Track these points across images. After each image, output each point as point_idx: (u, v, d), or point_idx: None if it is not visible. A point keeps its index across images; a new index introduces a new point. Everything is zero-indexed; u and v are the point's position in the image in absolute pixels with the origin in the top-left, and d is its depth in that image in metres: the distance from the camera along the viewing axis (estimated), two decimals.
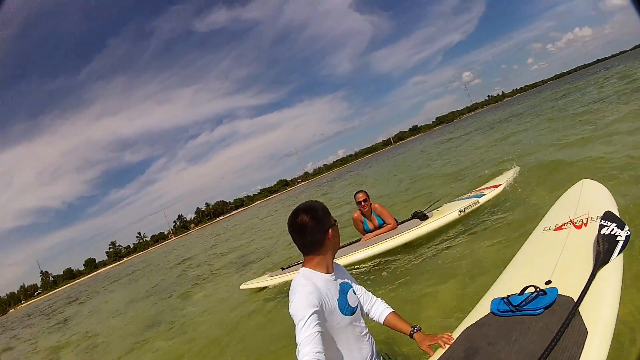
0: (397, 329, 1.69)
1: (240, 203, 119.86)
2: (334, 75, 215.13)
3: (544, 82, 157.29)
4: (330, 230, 1.48)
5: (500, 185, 4.85)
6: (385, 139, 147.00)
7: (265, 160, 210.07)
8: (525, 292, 1.75)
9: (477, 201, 4.62)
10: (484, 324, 1.78)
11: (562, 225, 2.32)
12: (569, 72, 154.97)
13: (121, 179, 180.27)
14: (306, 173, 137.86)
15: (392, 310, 1.73)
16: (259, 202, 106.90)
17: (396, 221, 4.61)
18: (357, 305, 1.56)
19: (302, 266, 1.51)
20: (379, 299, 1.76)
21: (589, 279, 1.64)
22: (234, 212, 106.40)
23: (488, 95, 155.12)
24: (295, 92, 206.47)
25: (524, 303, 1.68)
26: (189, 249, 23.05)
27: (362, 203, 4.48)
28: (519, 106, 32.14)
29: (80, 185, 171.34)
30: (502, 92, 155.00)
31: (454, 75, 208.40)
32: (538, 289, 1.70)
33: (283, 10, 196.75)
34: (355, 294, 1.59)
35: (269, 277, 5.00)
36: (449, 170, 9.92)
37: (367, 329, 1.61)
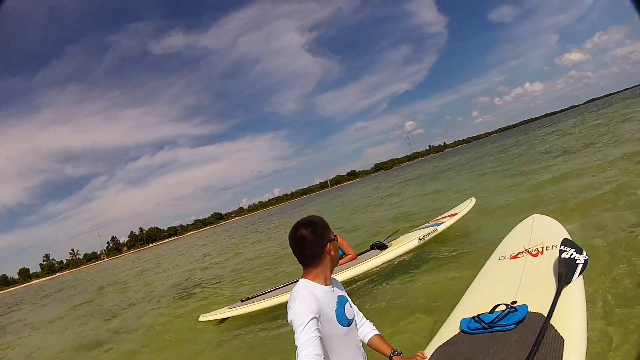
0: (378, 350, 1.74)
1: (174, 232, 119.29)
2: (278, 114, 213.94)
3: (487, 134, 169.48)
4: (328, 244, 1.52)
5: (457, 214, 5.11)
6: (322, 181, 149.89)
7: (202, 192, 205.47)
8: (496, 310, 1.81)
9: (436, 229, 4.83)
10: (456, 342, 1.79)
11: (517, 254, 2.49)
12: (514, 126, 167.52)
13: (61, 191, 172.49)
14: (241, 208, 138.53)
15: (378, 332, 1.79)
16: (192, 232, 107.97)
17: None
18: (353, 318, 1.59)
19: (302, 277, 1.55)
20: (368, 320, 1.81)
21: (555, 296, 1.76)
22: (167, 240, 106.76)
23: (429, 145, 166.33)
24: (239, 126, 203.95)
25: (496, 320, 1.74)
26: (126, 272, 21.23)
27: None
28: (462, 156, 34.70)
29: (21, 192, 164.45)
30: (444, 142, 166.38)
31: (397, 124, 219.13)
32: (509, 306, 1.76)
33: (238, 42, 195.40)
34: (352, 307, 1.63)
35: (228, 308, 4.73)
36: (393, 213, 10.23)
37: (360, 342, 1.65)
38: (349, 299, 1.63)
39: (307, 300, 1.40)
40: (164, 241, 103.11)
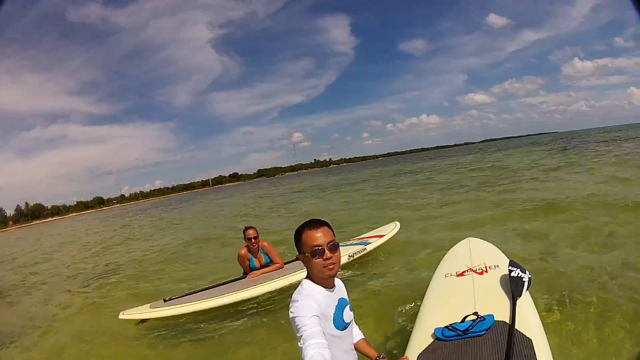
0: (364, 353, 1.81)
1: (56, 211, 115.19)
2: (169, 105, 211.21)
3: (375, 157, 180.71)
4: (301, 255, 1.55)
5: (384, 235, 5.39)
6: (204, 179, 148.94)
7: (86, 173, 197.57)
8: (467, 319, 2.07)
9: (365, 248, 5.02)
10: (435, 349, 1.99)
11: (463, 272, 2.85)
12: (402, 152, 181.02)
13: None
14: (122, 195, 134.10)
15: (363, 337, 1.88)
16: (74, 214, 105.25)
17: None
18: (350, 322, 1.63)
19: (305, 277, 1.59)
20: (356, 325, 1.85)
21: (512, 307, 2.10)
22: (50, 218, 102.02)
23: (315, 159, 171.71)
24: (130, 110, 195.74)
25: (470, 327, 1.99)
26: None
27: (252, 240, 4.38)
28: (350, 175, 36.24)
29: None
30: (330, 158, 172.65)
31: (284, 134, 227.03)
32: (478, 316, 2.04)
33: (149, 25, 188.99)
34: (351, 311, 1.65)
35: (150, 307, 4.17)
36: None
37: (353, 346, 1.71)
38: (349, 303, 1.66)
39: (309, 298, 1.45)
40: (47, 220, 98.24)
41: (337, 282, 1.64)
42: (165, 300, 4.22)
